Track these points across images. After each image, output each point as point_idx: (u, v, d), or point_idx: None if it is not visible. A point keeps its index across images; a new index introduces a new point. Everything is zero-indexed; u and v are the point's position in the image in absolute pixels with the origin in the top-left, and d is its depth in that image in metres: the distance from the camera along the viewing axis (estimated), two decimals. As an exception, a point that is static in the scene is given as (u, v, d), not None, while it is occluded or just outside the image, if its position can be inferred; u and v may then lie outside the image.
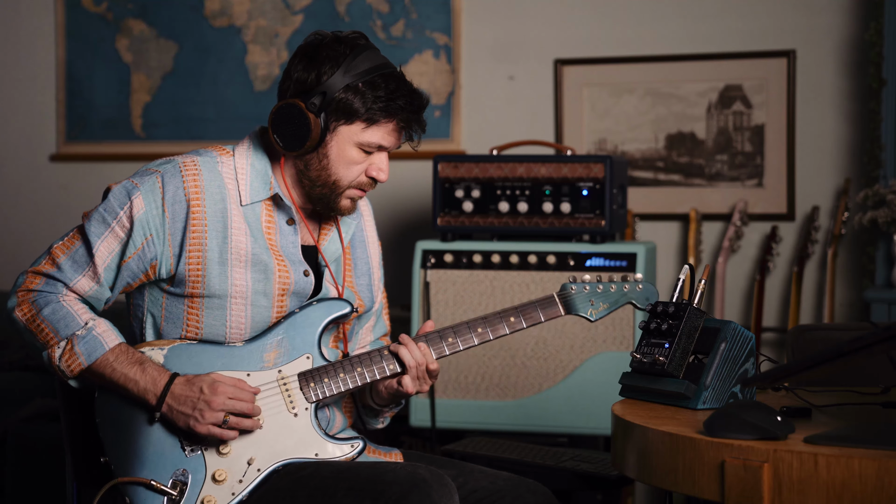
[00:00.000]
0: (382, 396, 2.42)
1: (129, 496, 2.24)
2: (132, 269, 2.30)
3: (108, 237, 2.29)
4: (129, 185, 2.30)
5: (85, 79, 4.81)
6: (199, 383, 2.24)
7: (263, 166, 2.37)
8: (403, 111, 2.30)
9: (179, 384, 2.25)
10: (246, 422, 2.25)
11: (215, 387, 2.23)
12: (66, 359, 2.26)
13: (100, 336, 2.27)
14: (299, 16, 4.58)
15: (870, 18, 3.97)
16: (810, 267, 4.11)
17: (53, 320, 2.26)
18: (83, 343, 2.26)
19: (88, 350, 2.26)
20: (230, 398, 2.24)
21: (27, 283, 2.30)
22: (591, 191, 3.64)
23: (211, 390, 2.23)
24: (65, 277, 2.29)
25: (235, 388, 2.25)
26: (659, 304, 2.30)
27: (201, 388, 2.23)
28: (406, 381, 2.34)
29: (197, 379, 2.25)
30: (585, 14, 4.33)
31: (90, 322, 2.28)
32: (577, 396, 3.56)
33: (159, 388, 2.24)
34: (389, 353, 2.35)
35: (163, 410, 2.25)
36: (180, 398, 2.24)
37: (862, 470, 1.75)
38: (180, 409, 2.24)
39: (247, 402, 2.25)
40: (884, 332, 1.83)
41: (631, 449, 2.06)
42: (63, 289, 2.29)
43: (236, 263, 2.31)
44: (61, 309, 2.27)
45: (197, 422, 2.23)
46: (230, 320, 2.32)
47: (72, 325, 2.27)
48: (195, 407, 2.23)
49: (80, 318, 2.27)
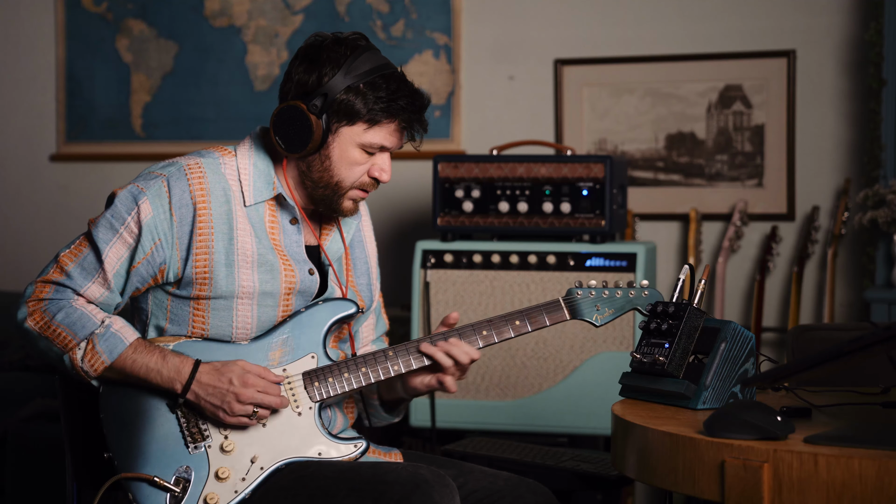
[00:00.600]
0: (419, 391, 2.42)
1: (132, 492, 2.25)
2: (141, 274, 2.30)
3: (116, 243, 2.28)
4: (134, 190, 2.30)
5: (85, 79, 4.81)
6: (227, 374, 2.24)
7: (266, 166, 2.37)
8: (405, 111, 2.30)
9: (206, 372, 2.25)
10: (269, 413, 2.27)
11: (245, 378, 2.24)
12: (89, 359, 2.26)
13: (118, 332, 2.27)
14: (299, 16, 4.58)
15: (870, 18, 3.97)
16: (810, 267, 4.11)
17: (68, 323, 2.26)
18: (103, 341, 2.26)
19: (109, 347, 2.26)
20: (259, 391, 2.24)
21: (36, 292, 2.29)
22: (591, 191, 3.64)
23: (241, 382, 2.23)
24: (74, 284, 2.28)
25: (265, 381, 2.26)
26: (659, 304, 2.30)
27: (231, 380, 2.23)
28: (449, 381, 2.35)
29: (225, 368, 2.25)
30: (585, 14, 4.33)
31: (106, 320, 2.28)
32: (577, 396, 3.56)
33: (184, 377, 2.24)
34: (394, 354, 2.35)
35: (189, 398, 2.25)
36: (208, 388, 2.24)
37: (862, 470, 1.75)
38: (209, 400, 2.24)
39: (275, 397, 2.26)
40: (884, 332, 1.83)
41: (631, 449, 2.06)
42: (73, 295, 2.29)
43: (243, 264, 2.31)
44: (74, 312, 2.27)
45: (226, 414, 2.24)
46: (236, 320, 2.33)
47: (88, 326, 2.26)
48: (224, 399, 2.23)
49: (95, 317, 2.27)
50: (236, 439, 2.28)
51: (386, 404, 2.52)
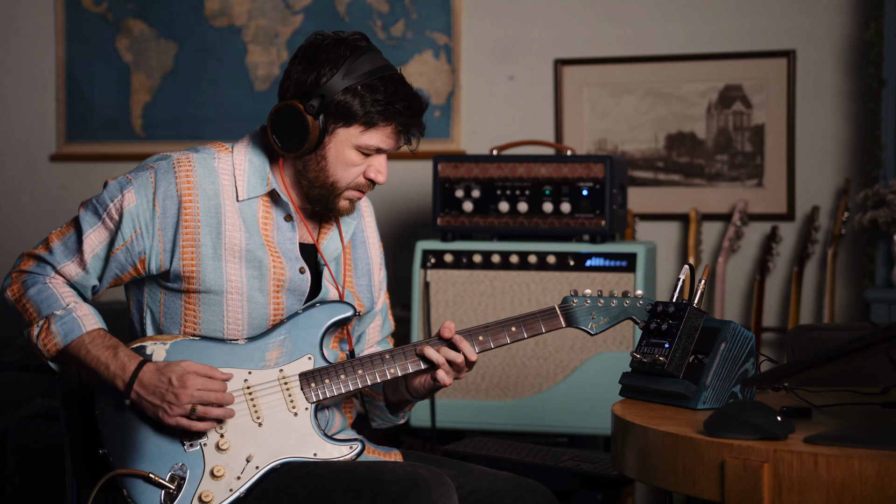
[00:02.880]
0: (420, 391, 2.42)
1: (126, 488, 2.25)
2: (120, 261, 2.32)
3: (98, 227, 2.32)
4: (123, 180, 2.34)
5: (85, 79, 4.81)
6: (168, 373, 2.23)
7: (261, 163, 2.38)
8: (402, 115, 2.30)
9: (149, 372, 2.24)
10: (215, 411, 2.24)
11: (184, 379, 2.22)
12: (43, 337, 2.28)
13: (79, 318, 2.29)
14: (299, 16, 4.58)
15: (870, 18, 3.97)
16: (810, 267, 4.11)
17: (38, 300, 2.30)
18: (60, 323, 2.28)
19: (65, 330, 2.28)
20: (199, 389, 2.23)
21: (21, 265, 2.36)
22: (591, 191, 3.64)
23: (180, 382, 2.22)
24: (54, 260, 2.33)
25: (205, 378, 2.24)
26: (659, 304, 2.30)
27: (170, 380, 2.23)
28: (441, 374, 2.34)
29: (167, 368, 2.24)
30: (585, 14, 4.33)
31: (72, 304, 2.30)
32: (577, 396, 3.56)
33: (128, 375, 2.24)
34: (391, 357, 2.35)
35: (132, 398, 2.25)
36: (149, 387, 2.24)
37: (862, 470, 1.75)
38: (149, 399, 2.24)
39: (216, 392, 2.24)
40: (884, 332, 1.83)
41: (631, 449, 2.06)
42: (51, 271, 2.33)
43: (230, 258, 2.32)
44: (46, 289, 2.31)
45: (166, 413, 2.23)
46: (227, 316, 2.33)
47: (53, 306, 2.30)
48: (164, 398, 2.23)
49: (62, 300, 2.30)
50: (232, 438, 2.28)
51: (391, 406, 2.52)
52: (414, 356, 2.35)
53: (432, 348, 2.34)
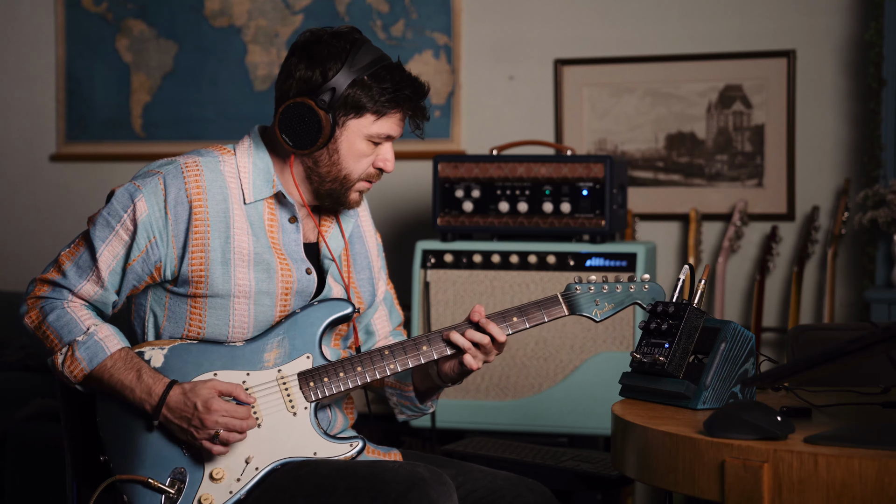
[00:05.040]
0: (450, 376, 2.41)
1: (127, 494, 2.25)
2: (137, 272, 2.31)
3: (112, 241, 2.30)
4: (131, 188, 2.31)
5: (85, 79, 4.81)
6: (193, 398, 2.23)
7: (266, 164, 2.38)
8: (410, 100, 2.34)
9: (175, 395, 2.25)
10: (236, 436, 2.25)
11: (209, 403, 2.23)
12: (69, 364, 2.28)
13: (101, 341, 2.28)
14: (299, 16, 4.58)
15: (870, 18, 3.97)
16: (810, 267, 4.11)
17: (57, 326, 2.28)
18: (84, 348, 2.27)
19: (90, 355, 2.27)
20: (223, 416, 2.23)
21: (36, 290, 2.33)
22: (591, 191, 3.64)
23: (205, 407, 2.23)
24: (69, 284, 2.31)
25: (230, 405, 2.24)
26: (659, 304, 2.30)
27: (195, 405, 2.23)
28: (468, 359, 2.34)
29: (192, 392, 2.24)
30: (585, 14, 4.33)
31: (92, 328, 2.29)
32: (577, 396, 3.56)
33: (155, 399, 2.25)
34: (390, 353, 2.35)
35: (161, 420, 2.26)
36: (176, 411, 2.24)
37: (862, 470, 1.75)
38: (177, 423, 2.25)
39: (240, 420, 2.25)
40: (884, 332, 1.83)
41: (631, 449, 2.06)
42: (69, 295, 2.31)
43: (239, 263, 2.32)
44: (65, 315, 2.29)
45: (193, 438, 2.24)
46: (233, 320, 2.33)
47: (74, 331, 2.28)
48: (190, 423, 2.24)
49: (82, 324, 2.29)
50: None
51: (421, 394, 2.51)
52: (415, 350, 2.35)
53: (458, 333, 2.34)
